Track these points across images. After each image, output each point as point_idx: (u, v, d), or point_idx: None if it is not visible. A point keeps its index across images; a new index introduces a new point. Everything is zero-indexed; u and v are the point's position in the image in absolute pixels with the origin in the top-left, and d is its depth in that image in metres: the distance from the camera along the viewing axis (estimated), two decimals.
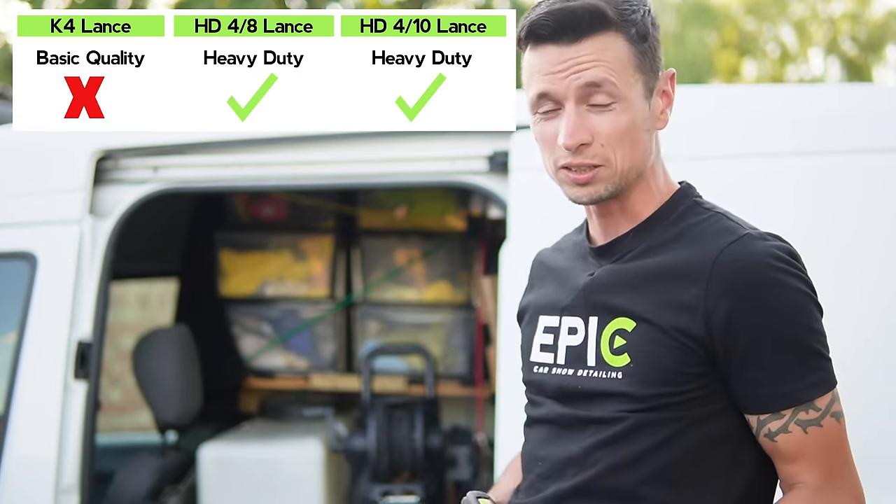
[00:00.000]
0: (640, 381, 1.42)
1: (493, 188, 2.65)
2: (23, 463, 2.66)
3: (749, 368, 1.39)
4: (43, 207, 2.79)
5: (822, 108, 2.56)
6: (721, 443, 1.43)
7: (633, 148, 1.45)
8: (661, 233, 1.50)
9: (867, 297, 2.34)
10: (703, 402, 1.42)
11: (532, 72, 1.47)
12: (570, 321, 1.54)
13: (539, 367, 1.58)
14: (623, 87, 1.43)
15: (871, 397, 2.29)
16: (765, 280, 1.39)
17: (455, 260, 4.05)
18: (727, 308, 1.38)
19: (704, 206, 1.52)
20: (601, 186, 1.46)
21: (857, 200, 2.40)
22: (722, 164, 2.46)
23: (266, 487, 3.42)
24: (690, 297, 1.41)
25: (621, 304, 1.47)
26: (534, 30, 1.45)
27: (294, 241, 4.14)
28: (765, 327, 1.38)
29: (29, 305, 2.72)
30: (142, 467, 3.29)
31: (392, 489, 3.20)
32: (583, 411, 1.48)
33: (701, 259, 1.42)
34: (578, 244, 1.63)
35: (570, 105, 1.43)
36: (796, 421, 1.39)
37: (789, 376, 1.38)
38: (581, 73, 1.42)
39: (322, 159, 2.78)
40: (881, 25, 20.64)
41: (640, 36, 1.45)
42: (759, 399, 1.40)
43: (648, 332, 1.43)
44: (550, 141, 1.47)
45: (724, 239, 1.43)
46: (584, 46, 1.42)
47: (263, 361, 4.16)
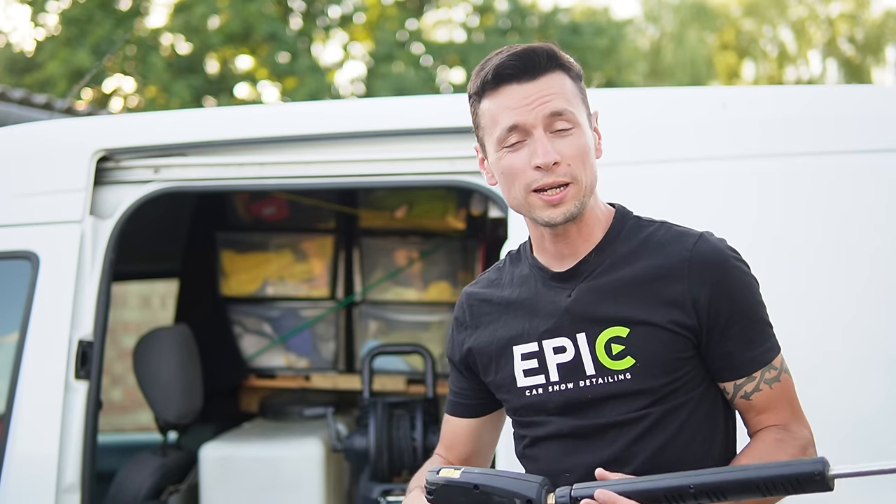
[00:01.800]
0: (649, 376, 1.66)
1: (493, 188, 2.66)
2: (24, 462, 2.66)
3: (726, 343, 1.68)
4: (44, 207, 2.80)
5: (820, 108, 2.57)
6: (713, 408, 1.72)
7: (591, 168, 1.68)
8: (618, 248, 1.73)
9: (863, 296, 2.35)
10: (697, 381, 1.70)
11: (498, 111, 1.68)
12: (553, 342, 1.72)
13: (531, 389, 1.74)
14: (577, 115, 1.68)
15: (863, 395, 2.30)
16: (729, 269, 1.68)
17: (455, 260, 4.05)
18: (707, 295, 1.66)
19: (646, 220, 1.77)
20: (571, 204, 1.66)
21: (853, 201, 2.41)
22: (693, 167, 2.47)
23: (267, 487, 3.42)
24: (676, 293, 1.67)
25: (610, 315, 1.68)
26: (500, 72, 1.67)
27: (294, 241, 4.15)
28: (735, 306, 1.67)
29: (30, 305, 2.72)
30: (143, 466, 3.29)
31: (392, 488, 3.21)
32: (597, 419, 1.68)
33: (675, 261, 1.68)
34: (524, 273, 1.79)
35: (538, 132, 1.65)
36: (764, 380, 1.69)
37: (755, 344, 1.69)
38: (546, 104, 1.65)
39: (322, 159, 2.79)
40: (879, 26, 20.64)
41: (578, 77, 1.73)
42: (736, 367, 1.69)
43: (647, 332, 1.66)
44: (520, 170, 1.66)
45: (686, 241, 1.70)
46: (544, 82, 1.67)
47: (264, 361, 4.17)
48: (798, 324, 2.26)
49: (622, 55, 17.24)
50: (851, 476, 1.52)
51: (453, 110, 2.80)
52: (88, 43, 12.99)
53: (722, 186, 2.46)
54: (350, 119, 2.84)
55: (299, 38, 14.82)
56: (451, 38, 16.34)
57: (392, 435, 3.28)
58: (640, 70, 18.84)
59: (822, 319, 2.35)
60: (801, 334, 2.23)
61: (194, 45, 14.02)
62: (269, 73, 14.51)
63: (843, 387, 2.31)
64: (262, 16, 13.61)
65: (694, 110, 2.59)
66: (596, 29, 15.82)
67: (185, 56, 14.15)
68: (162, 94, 13.35)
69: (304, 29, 15.25)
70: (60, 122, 3.32)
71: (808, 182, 2.42)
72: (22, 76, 13.48)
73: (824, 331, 2.34)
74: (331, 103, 6.28)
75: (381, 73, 14.37)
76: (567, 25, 15.56)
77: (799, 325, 2.26)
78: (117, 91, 14.13)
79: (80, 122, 3.37)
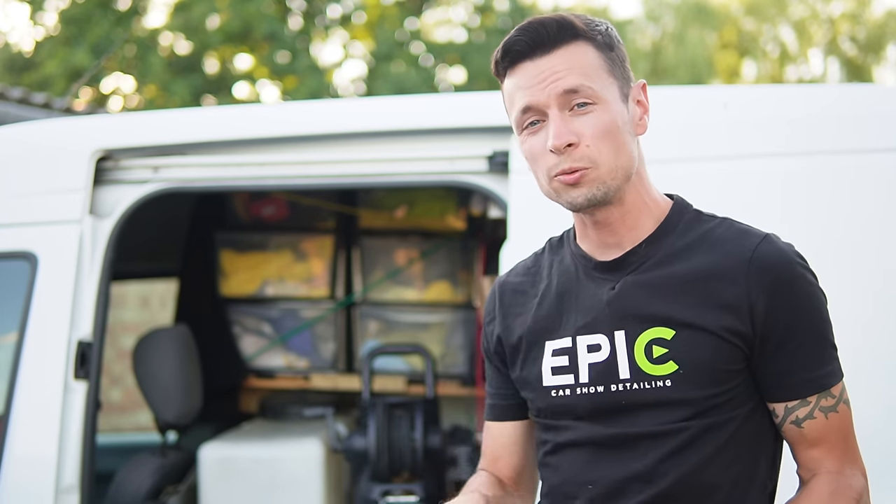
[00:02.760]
0: (693, 385, 1.50)
1: (493, 188, 2.65)
2: (23, 462, 2.66)
3: (781, 358, 1.51)
4: (43, 207, 2.79)
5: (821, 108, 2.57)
6: (761, 430, 1.56)
7: (618, 149, 1.51)
8: (674, 241, 1.56)
9: (864, 298, 2.35)
10: (745, 397, 1.53)
11: (513, 91, 1.55)
12: (588, 339, 1.56)
13: (558, 390, 1.58)
14: (599, 90, 1.51)
15: (870, 397, 2.29)
16: (794, 276, 1.51)
17: (455, 260, 4.05)
18: (765, 303, 1.49)
19: (707, 214, 1.61)
20: (593, 186, 1.50)
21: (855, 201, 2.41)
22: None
23: (266, 487, 3.42)
24: (731, 296, 1.50)
25: (656, 314, 1.52)
26: (509, 48, 1.54)
27: (294, 241, 4.14)
28: (796, 319, 1.51)
29: (29, 305, 2.72)
30: (142, 467, 3.29)
31: (392, 489, 3.20)
32: (629, 428, 1.53)
33: (734, 260, 1.51)
34: (565, 262, 1.64)
35: (553, 112, 1.51)
36: (819, 407, 1.52)
37: (814, 364, 1.51)
38: (558, 80, 1.50)
39: (322, 159, 2.78)
40: (881, 25, 20.64)
41: (606, 44, 1.54)
42: (790, 387, 1.52)
43: (695, 336, 1.50)
44: (540, 152, 1.52)
45: (749, 240, 1.53)
46: (557, 56, 1.51)
47: (264, 361, 4.16)
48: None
49: None
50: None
51: (453, 110, 2.80)
52: (87, 42, 12.99)
53: (721, 186, 2.45)
54: (350, 119, 2.84)
55: (299, 37, 14.82)
56: (451, 38, 16.34)
57: (392, 435, 3.27)
58: (641, 70, 18.84)
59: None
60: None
61: (194, 44, 14.02)
62: (268, 72, 14.51)
63: (864, 388, 2.30)
64: (261, 15, 13.62)
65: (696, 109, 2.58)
66: None
67: (185, 56, 14.16)
68: (161, 94, 13.35)
69: (303, 28, 15.25)
70: (59, 121, 3.32)
71: (830, 181, 2.41)
72: (21, 75, 13.48)
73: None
74: (331, 103, 6.27)
75: (381, 73, 14.37)
76: None
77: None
78: (116, 91, 14.13)
79: (79, 121, 3.37)
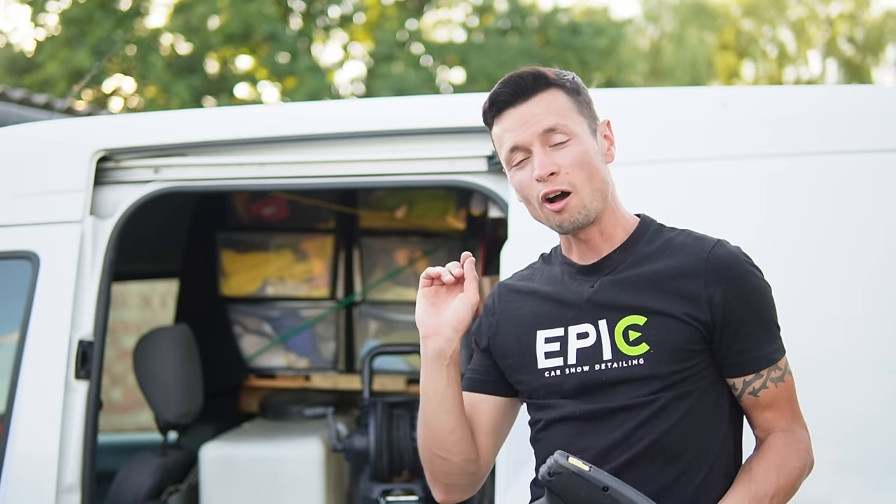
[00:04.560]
0: (660, 362, 1.78)
1: (493, 188, 2.66)
2: (24, 462, 2.66)
3: (738, 340, 1.80)
4: (44, 208, 2.80)
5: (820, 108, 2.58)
6: (719, 402, 1.83)
7: (593, 174, 1.82)
8: (642, 248, 1.86)
9: (863, 297, 2.35)
10: (705, 373, 1.82)
11: (501, 134, 1.85)
12: (577, 328, 1.84)
13: (550, 371, 1.85)
14: (573, 126, 1.82)
15: (867, 396, 2.30)
16: (743, 272, 1.82)
17: (455, 260, 4.04)
18: (722, 295, 1.79)
19: (668, 227, 1.90)
20: (576, 211, 1.80)
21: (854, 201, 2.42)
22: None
23: (267, 487, 3.42)
24: (693, 289, 1.80)
25: (630, 304, 1.81)
26: (495, 99, 1.85)
27: (294, 241, 4.15)
28: (748, 308, 1.80)
29: (31, 305, 2.72)
30: (143, 466, 3.29)
31: (392, 489, 3.21)
32: (608, 402, 1.79)
33: (693, 261, 1.81)
34: (554, 271, 1.93)
35: (536, 147, 1.81)
36: (770, 378, 1.82)
37: (764, 343, 1.82)
38: (538, 122, 1.81)
39: (322, 159, 2.79)
40: (879, 26, 20.64)
41: (574, 90, 1.86)
42: (746, 364, 1.81)
43: (663, 321, 1.79)
44: (528, 183, 1.82)
45: (705, 244, 1.83)
46: (535, 102, 1.82)
47: (264, 361, 4.17)
48: (799, 323, 2.26)
49: (622, 55, 17.23)
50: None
51: (453, 110, 2.81)
52: (88, 43, 12.99)
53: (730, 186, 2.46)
54: (350, 119, 2.84)
55: (299, 38, 14.82)
56: (451, 38, 16.34)
57: (392, 435, 3.27)
58: (640, 70, 18.84)
59: (824, 318, 2.35)
60: (801, 333, 2.23)
61: (194, 45, 14.02)
62: (268, 73, 14.52)
63: (844, 386, 2.31)
64: (261, 16, 13.62)
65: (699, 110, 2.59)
66: (596, 29, 15.81)
67: (185, 56, 14.15)
68: (162, 95, 13.35)
69: (303, 29, 15.25)
70: (60, 122, 3.32)
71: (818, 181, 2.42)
72: (22, 76, 13.49)
73: (825, 329, 2.34)
74: (331, 103, 6.28)
75: (380, 73, 14.38)
76: (567, 25, 15.56)
77: (800, 324, 2.26)
78: (117, 91, 14.13)
79: (80, 122, 3.37)
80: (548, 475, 1.64)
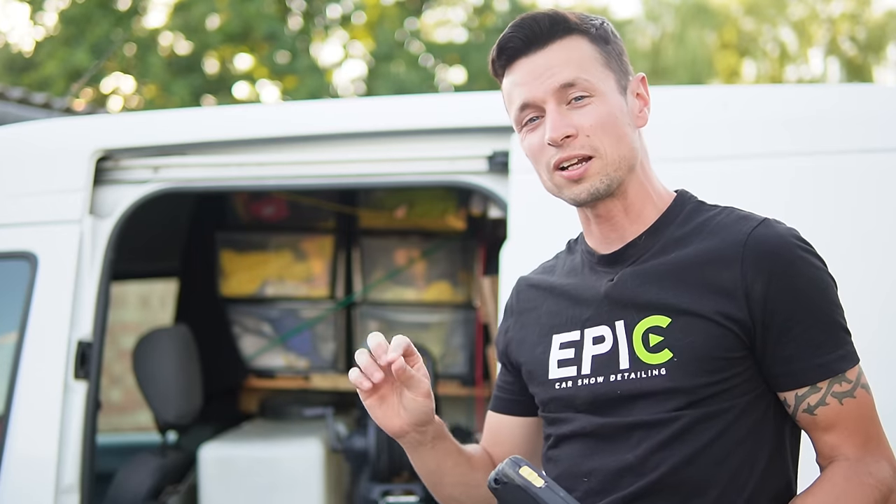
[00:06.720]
0: (685, 372, 1.46)
1: (493, 188, 2.65)
2: (23, 462, 2.66)
3: (785, 345, 1.45)
4: (43, 207, 2.79)
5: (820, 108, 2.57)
6: (763, 424, 1.49)
7: (619, 139, 1.50)
8: (674, 231, 1.54)
9: (867, 297, 2.34)
10: (745, 388, 1.47)
11: (511, 89, 1.55)
12: (594, 331, 1.55)
13: (561, 382, 1.58)
14: (596, 82, 1.50)
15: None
16: (793, 259, 1.45)
17: (455, 260, 4.05)
18: (763, 287, 1.44)
19: (710, 204, 1.58)
20: (596, 179, 1.50)
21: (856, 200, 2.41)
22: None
23: (266, 487, 3.42)
24: (726, 280, 1.46)
25: (651, 301, 1.49)
26: (504, 46, 1.53)
27: (294, 241, 4.15)
28: (798, 304, 1.44)
29: (29, 305, 2.72)
30: (142, 467, 3.29)
31: (392, 489, 3.20)
32: (624, 417, 1.50)
33: (729, 244, 1.47)
34: (576, 261, 1.65)
35: (550, 106, 1.50)
36: (832, 393, 1.45)
37: (823, 349, 1.45)
38: (554, 75, 1.49)
39: (322, 159, 2.78)
40: (881, 25, 20.63)
41: (601, 38, 1.54)
42: (797, 374, 1.45)
43: (689, 323, 1.46)
44: (539, 148, 1.52)
45: (746, 224, 1.49)
46: (552, 51, 1.51)
47: (264, 361, 4.16)
48: None
49: None
50: None
51: (453, 110, 2.81)
52: (87, 42, 12.99)
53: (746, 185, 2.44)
54: (350, 119, 2.84)
55: (299, 37, 14.82)
56: (451, 38, 16.34)
57: None
58: (641, 69, 18.82)
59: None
60: None
61: (193, 44, 14.02)
62: (268, 72, 14.51)
63: None
64: (261, 15, 13.61)
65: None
66: None
67: (184, 55, 14.15)
68: (161, 94, 13.34)
69: (303, 28, 15.25)
70: (59, 121, 3.32)
71: None
72: (20, 75, 13.47)
73: None
74: (331, 103, 6.27)
75: (380, 73, 14.37)
76: None
77: None
78: (116, 91, 14.13)
79: (79, 121, 3.37)
80: (493, 482, 1.42)
